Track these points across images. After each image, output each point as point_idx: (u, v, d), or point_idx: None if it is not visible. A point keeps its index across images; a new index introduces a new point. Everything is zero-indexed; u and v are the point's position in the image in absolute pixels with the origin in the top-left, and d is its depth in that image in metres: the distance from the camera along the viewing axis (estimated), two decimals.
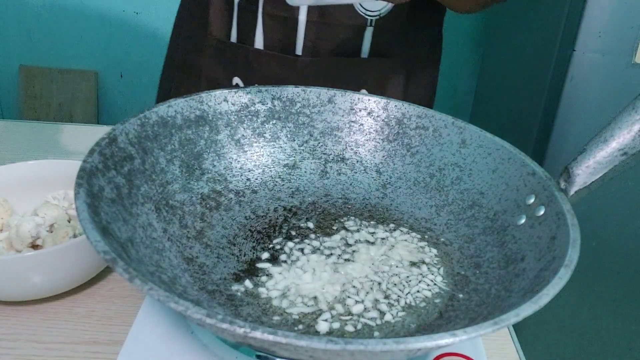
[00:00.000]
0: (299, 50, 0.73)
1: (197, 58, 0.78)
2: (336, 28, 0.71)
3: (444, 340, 0.31)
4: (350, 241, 0.52)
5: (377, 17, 0.71)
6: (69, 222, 0.56)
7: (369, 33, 0.73)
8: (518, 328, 0.51)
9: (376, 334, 0.42)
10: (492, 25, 1.83)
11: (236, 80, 0.76)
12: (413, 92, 0.81)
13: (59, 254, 0.47)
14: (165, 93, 0.86)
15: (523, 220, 0.48)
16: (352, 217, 0.56)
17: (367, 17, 0.71)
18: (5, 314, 0.49)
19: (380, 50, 0.75)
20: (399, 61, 0.78)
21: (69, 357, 0.45)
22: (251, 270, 0.48)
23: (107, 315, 0.50)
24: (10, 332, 0.47)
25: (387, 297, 0.46)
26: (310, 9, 0.70)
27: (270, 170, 0.59)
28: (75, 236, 0.53)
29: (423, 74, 0.82)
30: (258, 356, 0.42)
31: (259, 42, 0.73)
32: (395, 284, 0.47)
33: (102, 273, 0.54)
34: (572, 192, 0.45)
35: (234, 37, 0.75)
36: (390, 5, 0.71)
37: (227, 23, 0.75)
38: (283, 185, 0.59)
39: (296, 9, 0.70)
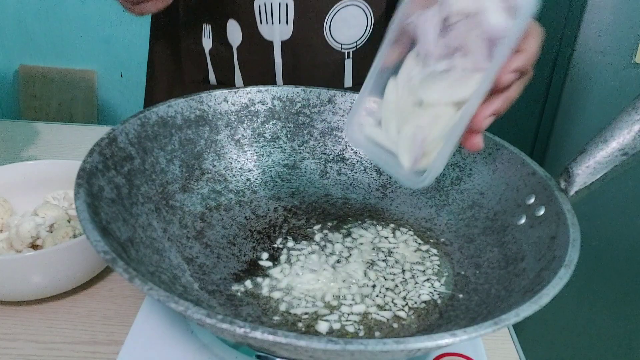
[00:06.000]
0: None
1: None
2: (314, 66, 0.70)
3: (444, 340, 0.31)
4: (350, 241, 0.52)
5: (354, 49, 0.70)
6: (69, 222, 0.56)
7: (348, 65, 0.72)
8: (518, 328, 0.51)
9: (376, 333, 0.42)
10: None
11: None
12: None
13: (59, 254, 0.47)
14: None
15: (523, 220, 0.48)
16: (352, 217, 0.56)
17: (343, 50, 0.70)
18: (5, 314, 0.49)
19: (363, 78, 0.75)
20: None
21: (69, 357, 0.45)
22: (251, 270, 0.48)
23: (107, 315, 0.50)
24: (10, 332, 0.47)
25: (387, 297, 0.46)
26: (284, 51, 0.69)
27: (270, 170, 0.59)
28: (75, 236, 0.53)
29: None
30: (258, 356, 0.42)
31: (239, 84, 0.73)
32: (395, 284, 0.47)
33: (102, 273, 0.54)
34: (572, 192, 0.45)
35: (212, 80, 0.75)
36: (365, 35, 0.70)
37: (203, 69, 0.75)
38: (283, 185, 0.59)
39: (271, 52, 0.69)
